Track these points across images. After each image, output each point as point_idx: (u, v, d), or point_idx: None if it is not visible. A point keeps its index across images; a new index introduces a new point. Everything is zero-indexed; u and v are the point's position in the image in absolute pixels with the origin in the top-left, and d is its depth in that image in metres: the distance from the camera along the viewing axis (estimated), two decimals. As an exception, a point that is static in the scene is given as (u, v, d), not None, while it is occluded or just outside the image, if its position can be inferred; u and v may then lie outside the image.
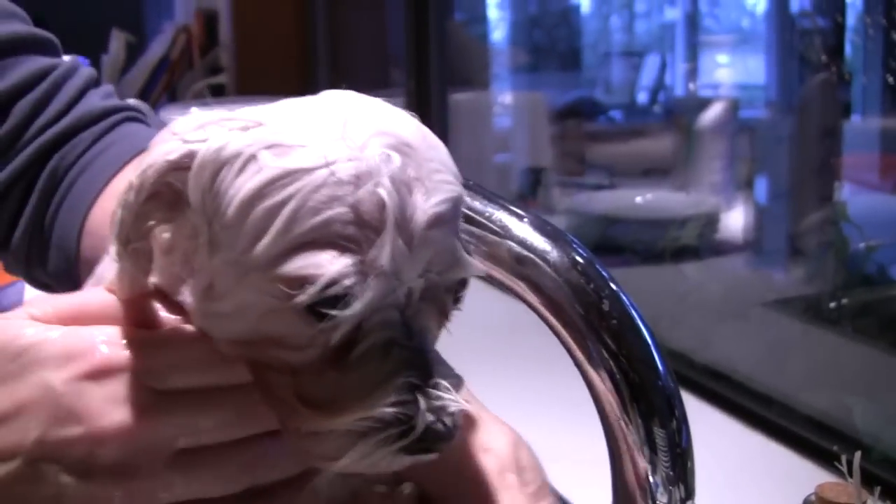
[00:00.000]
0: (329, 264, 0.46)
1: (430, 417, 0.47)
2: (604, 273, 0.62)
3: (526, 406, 1.23)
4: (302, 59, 2.79)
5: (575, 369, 0.63)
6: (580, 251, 0.63)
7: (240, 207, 0.47)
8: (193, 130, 0.50)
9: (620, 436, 0.61)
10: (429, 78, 2.06)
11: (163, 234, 0.51)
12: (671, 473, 0.61)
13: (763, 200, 1.60)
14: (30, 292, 1.49)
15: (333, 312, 0.47)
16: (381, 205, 0.46)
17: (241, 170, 0.48)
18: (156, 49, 2.86)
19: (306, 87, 2.71)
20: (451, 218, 0.49)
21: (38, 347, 0.51)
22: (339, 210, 0.46)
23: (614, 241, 1.74)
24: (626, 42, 2.83)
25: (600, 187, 2.14)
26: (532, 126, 2.40)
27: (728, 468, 0.91)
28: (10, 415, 0.50)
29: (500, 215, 0.64)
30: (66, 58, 0.87)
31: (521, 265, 0.63)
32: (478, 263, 0.51)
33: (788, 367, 1.21)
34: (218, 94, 2.82)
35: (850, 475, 0.71)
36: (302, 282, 0.46)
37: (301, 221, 0.46)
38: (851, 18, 1.49)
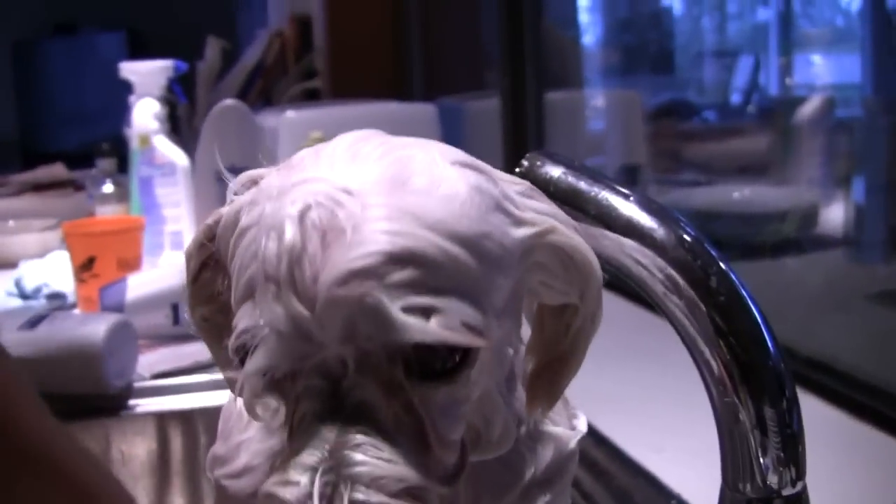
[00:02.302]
0: (239, 319, 0.46)
1: None
2: (712, 251, 0.62)
3: (632, 394, 1.23)
4: (396, 62, 2.80)
5: (684, 353, 0.63)
6: (687, 229, 0.63)
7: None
8: (231, 193, 0.52)
9: (730, 416, 0.61)
10: (524, 79, 2.05)
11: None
12: (782, 455, 0.61)
13: (863, 195, 1.58)
14: (132, 291, 1.51)
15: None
16: (276, 260, 0.44)
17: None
18: (250, 55, 2.90)
19: (400, 90, 2.73)
20: (379, 273, 0.44)
21: None
22: (253, 268, 0.46)
23: (713, 237, 1.71)
24: (719, 42, 2.80)
25: (696, 184, 2.12)
26: (627, 123, 2.39)
27: (836, 456, 0.90)
28: None
29: (606, 195, 0.64)
30: None
31: (628, 245, 0.63)
32: (426, 324, 0.44)
33: (893, 357, 1.20)
34: (313, 97, 2.85)
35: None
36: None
37: (240, 279, 0.46)
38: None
